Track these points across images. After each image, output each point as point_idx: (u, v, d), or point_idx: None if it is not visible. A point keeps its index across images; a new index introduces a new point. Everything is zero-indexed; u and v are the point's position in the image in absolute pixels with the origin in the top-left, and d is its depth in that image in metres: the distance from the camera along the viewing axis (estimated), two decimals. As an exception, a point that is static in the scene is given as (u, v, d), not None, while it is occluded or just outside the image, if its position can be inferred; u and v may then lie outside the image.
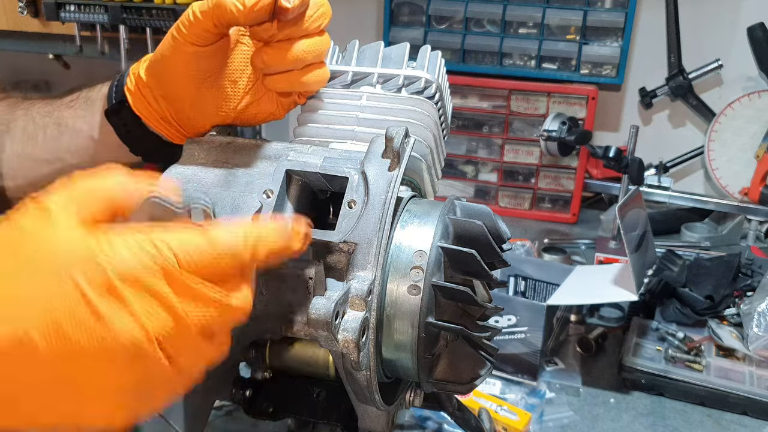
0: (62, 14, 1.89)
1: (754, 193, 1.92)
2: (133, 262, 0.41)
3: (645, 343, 1.37)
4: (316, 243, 0.56)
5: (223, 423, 1.11)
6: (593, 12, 2.01)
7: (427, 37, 2.11)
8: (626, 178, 1.78)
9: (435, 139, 0.73)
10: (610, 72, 2.03)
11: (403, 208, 0.62)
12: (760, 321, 1.32)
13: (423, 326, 0.58)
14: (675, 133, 2.22)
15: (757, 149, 1.98)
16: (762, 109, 1.98)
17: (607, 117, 2.25)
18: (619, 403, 1.28)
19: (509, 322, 1.31)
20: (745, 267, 1.57)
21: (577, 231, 2.05)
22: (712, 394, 1.26)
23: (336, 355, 0.56)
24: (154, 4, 1.82)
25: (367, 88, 0.72)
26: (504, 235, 0.62)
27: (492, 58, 2.10)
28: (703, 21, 2.08)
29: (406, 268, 0.58)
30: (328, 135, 0.70)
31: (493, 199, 2.16)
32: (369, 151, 0.60)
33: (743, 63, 2.03)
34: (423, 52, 0.75)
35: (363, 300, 0.54)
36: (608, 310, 1.56)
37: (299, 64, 0.65)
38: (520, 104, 2.06)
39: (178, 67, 0.65)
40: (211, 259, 0.43)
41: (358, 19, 2.41)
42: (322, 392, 0.75)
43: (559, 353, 1.42)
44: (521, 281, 1.53)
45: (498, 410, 1.18)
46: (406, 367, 0.62)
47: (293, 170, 0.61)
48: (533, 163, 2.10)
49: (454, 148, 2.14)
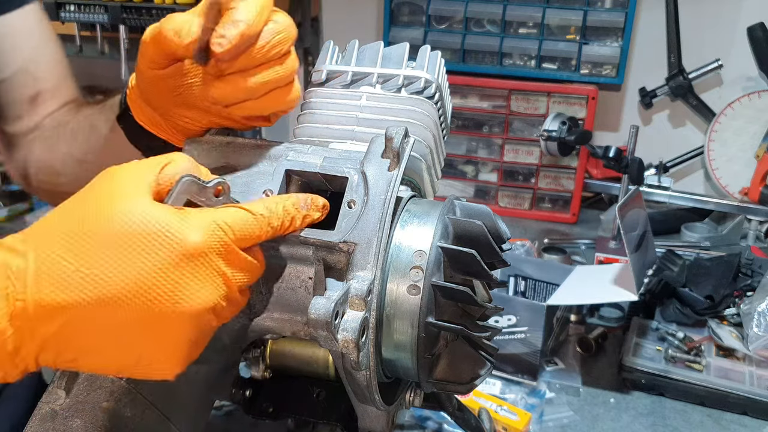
0: (62, 14, 1.90)
1: (754, 193, 1.91)
2: (203, 240, 0.48)
3: (645, 343, 1.37)
4: (316, 243, 0.56)
5: (223, 423, 1.11)
6: (593, 12, 2.00)
7: (427, 37, 2.11)
8: (626, 178, 1.78)
9: (435, 139, 0.73)
10: (610, 72, 2.03)
11: (402, 208, 0.62)
12: (760, 321, 1.32)
13: (423, 326, 0.58)
14: (675, 133, 2.22)
15: (757, 149, 1.98)
16: (762, 109, 1.98)
17: (607, 117, 2.25)
18: (619, 403, 1.28)
19: (509, 322, 1.31)
20: (745, 267, 1.57)
21: (577, 231, 2.05)
22: (712, 394, 1.26)
23: (336, 355, 0.56)
24: (154, 4, 1.82)
25: (366, 88, 0.72)
26: (504, 235, 0.62)
27: (492, 58, 2.10)
28: (703, 21, 2.08)
29: (405, 268, 0.58)
30: (328, 135, 0.70)
31: (493, 199, 2.16)
32: (369, 151, 0.60)
33: (743, 63, 2.03)
34: (423, 52, 0.75)
35: (363, 300, 0.54)
36: (608, 310, 1.56)
37: (256, 94, 0.61)
38: (520, 104, 2.06)
39: (147, 84, 0.66)
40: (256, 231, 0.52)
41: (358, 19, 2.41)
42: (322, 392, 0.75)
43: (559, 353, 1.42)
44: (521, 281, 1.53)
45: (498, 410, 1.18)
46: (406, 367, 0.62)
47: (293, 170, 0.61)
48: (533, 163, 2.10)
49: (454, 148, 2.13)
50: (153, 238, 0.46)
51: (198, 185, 0.50)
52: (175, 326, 0.48)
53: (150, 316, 0.46)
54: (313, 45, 2.37)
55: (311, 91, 0.74)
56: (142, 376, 0.50)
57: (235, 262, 0.50)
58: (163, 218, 0.47)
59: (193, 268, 0.47)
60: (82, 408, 0.56)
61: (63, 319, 0.45)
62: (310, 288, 0.58)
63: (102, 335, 0.47)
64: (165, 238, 0.46)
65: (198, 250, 0.47)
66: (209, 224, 0.48)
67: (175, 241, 0.46)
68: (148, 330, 0.47)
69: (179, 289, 0.47)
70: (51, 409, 0.56)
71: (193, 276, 0.47)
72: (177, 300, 0.47)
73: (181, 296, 0.47)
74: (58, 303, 0.44)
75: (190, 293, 0.47)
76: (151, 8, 1.83)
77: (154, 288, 0.46)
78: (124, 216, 0.46)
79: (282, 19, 0.60)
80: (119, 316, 0.46)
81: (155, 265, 0.46)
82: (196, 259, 0.47)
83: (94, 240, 0.45)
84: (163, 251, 0.46)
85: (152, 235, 0.46)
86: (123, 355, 0.48)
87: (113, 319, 0.46)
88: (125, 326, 0.46)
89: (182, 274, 0.47)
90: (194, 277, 0.47)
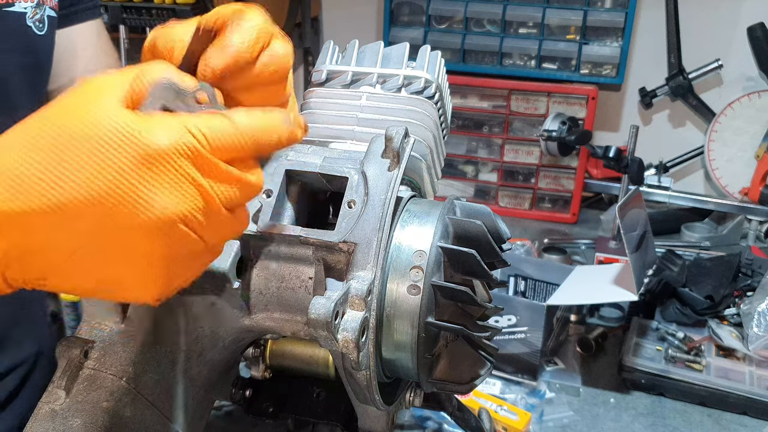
0: (62, 14, 1.89)
1: (754, 193, 1.91)
2: (169, 143, 0.43)
3: (645, 343, 1.37)
4: (316, 243, 0.56)
5: (223, 423, 1.11)
6: (593, 12, 2.01)
7: (427, 37, 2.11)
8: (626, 178, 1.78)
9: (435, 139, 0.73)
10: (610, 72, 2.03)
11: (402, 207, 0.62)
12: (760, 321, 1.32)
13: (423, 326, 0.58)
14: (675, 133, 2.22)
15: (757, 149, 1.98)
16: (762, 109, 1.98)
17: (607, 117, 2.25)
18: (619, 403, 1.28)
19: (509, 322, 1.31)
20: (745, 267, 1.57)
21: (577, 231, 2.05)
22: (712, 394, 1.26)
23: (336, 355, 0.56)
24: (154, 4, 1.82)
25: (366, 88, 0.72)
26: (504, 235, 0.62)
27: (492, 58, 2.10)
28: (703, 21, 2.08)
29: (405, 268, 0.58)
30: (328, 135, 0.70)
31: (493, 199, 2.16)
32: (369, 151, 0.60)
33: (743, 63, 2.03)
34: (423, 52, 0.75)
35: (363, 300, 0.54)
36: (608, 310, 1.56)
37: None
38: (520, 104, 2.06)
39: None
40: (236, 141, 0.46)
41: (358, 19, 2.41)
42: (322, 392, 0.75)
43: (559, 353, 1.42)
44: (521, 281, 1.53)
45: (498, 410, 1.18)
46: (406, 367, 0.62)
47: (293, 170, 0.61)
48: (533, 163, 2.10)
49: (454, 148, 2.14)
50: (113, 141, 0.42)
51: (175, 91, 0.47)
52: (139, 239, 0.44)
53: (111, 226, 0.43)
54: (313, 45, 2.37)
55: (311, 91, 0.74)
56: (119, 298, 0.46)
57: (212, 171, 0.45)
58: (126, 120, 0.43)
59: (156, 173, 0.43)
60: (82, 408, 0.56)
61: (19, 230, 0.42)
62: (310, 288, 0.58)
63: (64, 250, 0.44)
64: (125, 140, 0.42)
65: (161, 152, 0.43)
66: (178, 127, 0.44)
67: (135, 142, 0.42)
68: (111, 243, 0.44)
69: (139, 196, 0.43)
70: (51, 409, 0.56)
71: (156, 182, 0.43)
72: (137, 208, 0.43)
73: (142, 204, 0.43)
74: (12, 210, 0.42)
75: (152, 201, 0.43)
76: (151, 8, 1.82)
77: (112, 195, 0.42)
78: (87, 119, 0.43)
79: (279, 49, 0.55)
80: (79, 228, 0.43)
81: (114, 169, 0.42)
82: (159, 162, 0.43)
83: (54, 145, 0.42)
84: (122, 154, 0.42)
85: (113, 138, 0.42)
86: (90, 273, 0.45)
87: (72, 231, 0.43)
88: (87, 239, 0.43)
89: (143, 180, 0.43)
90: (158, 184, 0.43)
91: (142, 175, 0.43)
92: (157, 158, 0.43)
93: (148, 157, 0.43)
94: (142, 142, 0.43)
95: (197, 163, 0.45)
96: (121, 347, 0.59)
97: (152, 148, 0.43)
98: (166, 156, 0.43)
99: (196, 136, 0.44)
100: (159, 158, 0.43)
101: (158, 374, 0.60)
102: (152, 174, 0.43)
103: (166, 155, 0.43)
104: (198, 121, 0.45)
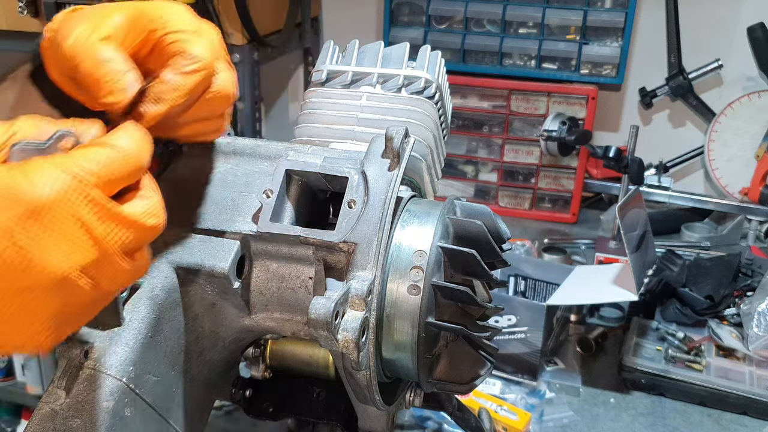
0: (62, 14, 1.89)
1: (754, 193, 1.91)
2: (51, 192, 0.40)
3: (645, 343, 1.37)
4: (316, 243, 0.56)
5: (223, 423, 1.11)
6: (593, 12, 2.00)
7: (427, 37, 2.11)
8: (626, 178, 1.78)
9: (435, 139, 0.73)
10: (610, 72, 2.03)
11: (403, 208, 0.62)
12: (760, 321, 1.32)
13: (423, 326, 0.58)
14: (675, 133, 2.22)
15: (757, 149, 1.98)
16: (762, 109, 1.98)
17: (607, 117, 2.25)
18: (619, 403, 1.28)
19: (509, 322, 1.31)
20: (745, 267, 1.58)
21: (577, 231, 2.05)
22: (712, 394, 1.26)
23: (336, 355, 0.56)
24: (154, 4, 1.82)
25: (367, 88, 0.72)
26: (504, 235, 0.62)
27: (492, 58, 2.10)
28: (703, 21, 2.08)
29: (406, 268, 0.58)
30: (328, 135, 0.70)
31: (493, 199, 2.16)
32: (369, 151, 0.60)
33: (743, 63, 2.03)
34: (423, 52, 0.75)
35: (363, 300, 0.54)
36: (608, 310, 1.56)
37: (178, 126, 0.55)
38: (520, 104, 2.06)
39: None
40: (124, 167, 0.43)
41: (358, 19, 2.41)
42: (322, 392, 0.75)
43: (559, 353, 1.42)
44: (521, 281, 1.53)
45: (498, 410, 1.18)
46: (406, 367, 0.62)
47: (293, 170, 0.61)
48: (533, 163, 2.10)
49: (454, 148, 2.13)
50: None
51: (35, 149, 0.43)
52: (32, 298, 0.41)
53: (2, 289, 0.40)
54: (313, 45, 2.37)
55: (311, 91, 0.74)
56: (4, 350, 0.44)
57: (104, 215, 0.42)
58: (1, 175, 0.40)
59: (44, 226, 0.40)
60: (82, 408, 0.56)
61: None
62: (310, 288, 0.58)
63: None
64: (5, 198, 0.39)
65: (46, 203, 0.40)
66: (56, 173, 0.40)
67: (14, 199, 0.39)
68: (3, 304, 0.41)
69: (30, 256, 0.40)
70: (51, 409, 0.56)
71: (46, 236, 0.40)
72: (29, 268, 0.40)
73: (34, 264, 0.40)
74: None
75: (44, 259, 0.40)
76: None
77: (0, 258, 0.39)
78: None
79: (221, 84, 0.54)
80: None
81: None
82: (45, 215, 0.40)
83: None
84: (4, 214, 0.39)
85: None
86: None
87: None
88: None
89: (31, 237, 0.40)
90: (48, 237, 0.40)
91: (28, 232, 0.40)
92: (43, 211, 0.40)
93: (32, 213, 0.40)
94: (24, 197, 0.39)
95: (88, 209, 0.41)
96: (121, 347, 0.59)
97: (35, 201, 0.40)
98: (52, 206, 0.40)
99: (77, 177, 0.41)
100: (44, 210, 0.40)
101: (158, 374, 0.60)
102: (40, 227, 0.40)
103: (52, 205, 0.40)
104: (77, 158, 0.42)
